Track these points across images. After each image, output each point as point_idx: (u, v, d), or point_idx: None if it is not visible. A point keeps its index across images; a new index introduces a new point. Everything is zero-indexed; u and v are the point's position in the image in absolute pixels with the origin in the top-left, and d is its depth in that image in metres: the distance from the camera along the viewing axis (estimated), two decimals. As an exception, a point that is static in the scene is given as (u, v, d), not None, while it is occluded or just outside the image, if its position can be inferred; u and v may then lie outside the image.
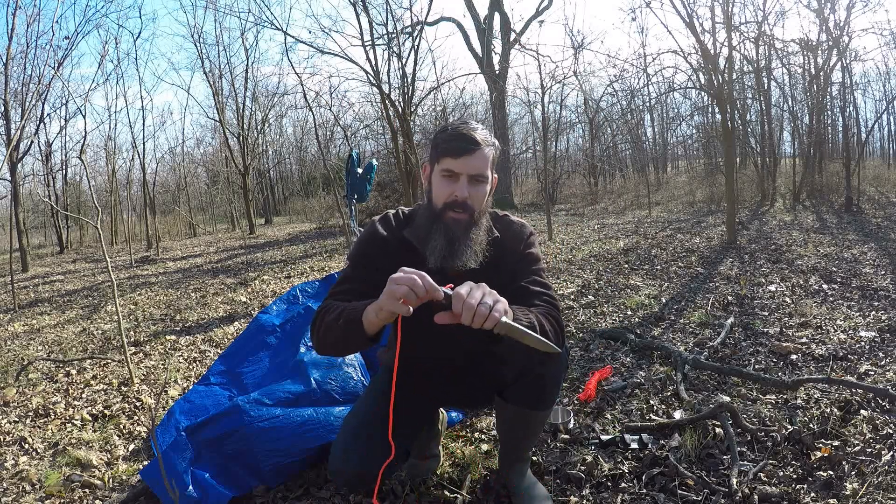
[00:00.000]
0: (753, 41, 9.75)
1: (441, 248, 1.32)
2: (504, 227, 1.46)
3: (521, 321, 1.13)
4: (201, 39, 14.65)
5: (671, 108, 19.99)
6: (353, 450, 1.39)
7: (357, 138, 15.89)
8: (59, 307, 5.54)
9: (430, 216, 1.37)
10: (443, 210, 1.34)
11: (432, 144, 1.41)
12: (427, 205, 1.40)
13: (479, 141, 1.31)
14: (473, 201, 1.34)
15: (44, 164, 13.45)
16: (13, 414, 2.63)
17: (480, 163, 1.32)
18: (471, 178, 1.33)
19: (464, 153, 1.31)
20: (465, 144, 1.31)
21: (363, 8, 7.98)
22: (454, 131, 1.34)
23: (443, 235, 1.33)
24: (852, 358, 2.55)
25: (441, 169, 1.34)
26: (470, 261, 1.33)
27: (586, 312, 3.69)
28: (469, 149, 1.31)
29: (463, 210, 1.33)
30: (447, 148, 1.33)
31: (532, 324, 1.17)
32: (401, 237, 1.42)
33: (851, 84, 10.69)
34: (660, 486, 1.63)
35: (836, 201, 9.48)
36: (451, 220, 1.33)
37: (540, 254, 1.47)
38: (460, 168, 1.32)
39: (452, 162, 1.32)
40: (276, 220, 18.43)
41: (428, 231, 1.35)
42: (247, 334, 2.63)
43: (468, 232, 1.34)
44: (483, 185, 1.35)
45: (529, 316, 1.19)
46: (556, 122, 16.84)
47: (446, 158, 1.33)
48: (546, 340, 1.12)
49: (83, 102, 11.18)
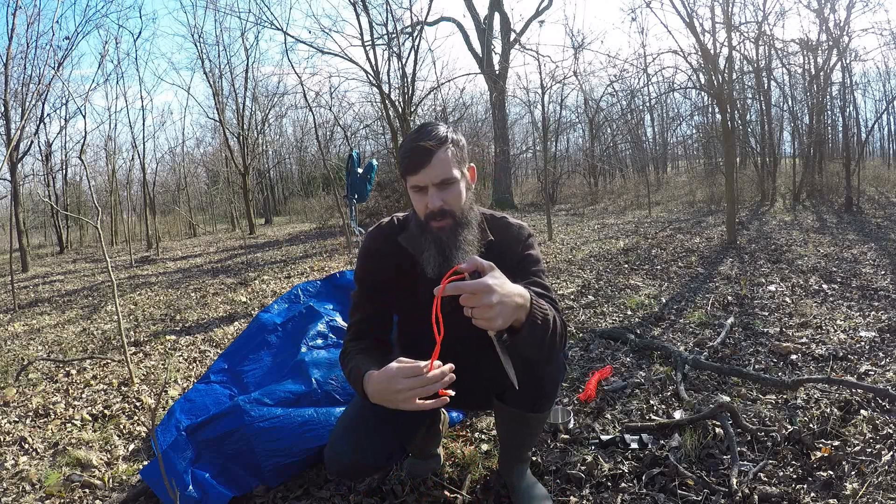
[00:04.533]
0: (753, 41, 9.75)
1: (435, 258, 1.34)
2: (501, 228, 1.46)
3: (537, 315, 1.14)
4: (201, 39, 14.67)
5: (671, 108, 20.03)
6: (349, 439, 1.40)
7: (357, 138, 15.92)
8: (59, 307, 5.54)
9: (418, 227, 1.39)
10: (426, 221, 1.35)
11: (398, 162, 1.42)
12: (414, 215, 1.42)
13: (429, 149, 1.29)
14: (450, 205, 1.33)
15: (44, 164, 13.46)
16: (13, 414, 2.63)
17: (440, 168, 1.30)
18: (437, 185, 1.32)
19: (420, 167, 1.30)
20: (417, 158, 1.30)
21: (363, 8, 7.98)
22: (406, 146, 1.33)
23: (433, 245, 1.34)
24: (852, 358, 2.55)
25: (409, 186, 1.36)
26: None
27: (586, 312, 3.69)
28: (422, 161, 1.30)
29: (442, 217, 1.33)
30: (405, 166, 1.34)
31: (548, 319, 1.16)
32: (396, 245, 1.44)
33: (851, 84, 10.70)
34: (660, 486, 1.64)
35: (836, 201, 9.48)
36: (436, 230, 1.34)
37: (539, 255, 1.46)
38: (423, 181, 1.31)
39: (414, 178, 1.32)
40: (276, 220, 18.43)
41: (419, 241, 1.38)
42: (248, 333, 2.64)
43: (456, 235, 1.34)
44: (453, 185, 1.33)
45: (546, 311, 1.17)
46: (556, 122, 16.86)
47: (408, 176, 1.34)
48: (513, 376, 1.18)
49: (83, 102, 11.24)
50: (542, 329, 1.16)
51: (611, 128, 17.11)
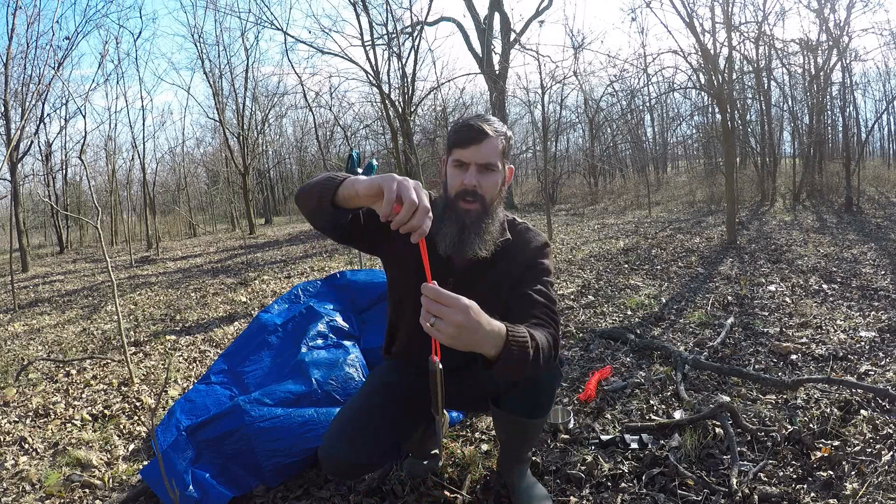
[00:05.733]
0: (753, 41, 9.75)
1: (451, 236, 1.34)
2: (520, 233, 1.46)
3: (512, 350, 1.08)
4: (201, 39, 14.68)
5: (671, 108, 20.01)
6: (343, 438, 1.40)
7: (357, 138, 15.91)
8: (59, 307, 5.54)
9: (444, 205, 1.38)
10: (455, 199, 1.36)
11: (447, 136, 1.43)
12: (443, 194, 1.42)
13: (486, 131, 1.32)
14: (484, 190, 1.35)
15: (44, 164, 13.46)
16: (13, 414, 2.63)
17: (488, 152, 1.33)
18: (479, 167, 1.34)
19: (471, 143, 1.32)
20: (472, 134, 1.32)
21: (363, 8, 7.99)
22: (464, 122, 1.36)
23: (454, 223, 1.34)
24: (852, 358, 2.55)
25: (452, 159, 1.37)
26: (480, 250, 1.34)
27: (586, 312, 3.69)
28: (476, 138, 1.32)
29: (473, 199, 1.34)
30: (456, 139, 1.35)
31: (526, 351, 1.11)
32: None
33: (851, 84, 10.70)
34: (660, 486, 1.64)
35: (836, 201, 9.48)
36: (462, 210, 1.35)
37: (552, 268, 1.44)
38: (468, 157, 1.33)
39: (461, 152, 1.34)
40: (276, 220, 18.43)
41: (441, 219, 1.37)
42: (248, 333, 2.63)
43: (479, 221, 1.35)
44: (493, 174, 1.35)
45: (525, 344, 1.12)
46: (556, 122, 16.84)
47: (456, 149, 1.35)
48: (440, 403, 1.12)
49: (83, 102, 11.24)
50: (519, 361, 1.11)
51: (611, 128, 17.11)
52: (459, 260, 1.38)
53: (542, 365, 1.19)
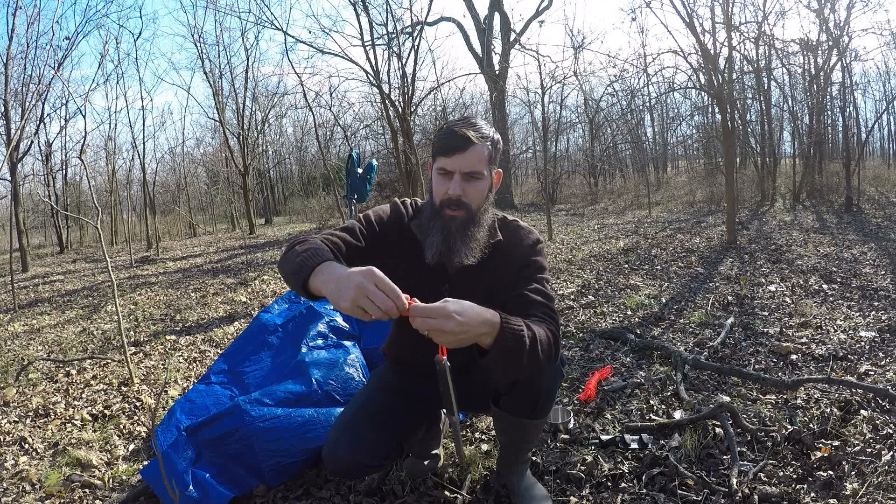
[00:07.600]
0: (753, 41, 9.75)
1: (437, 244, 1.34)
2: (512, 231, 1.45)
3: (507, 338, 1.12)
4: (201, 39, 14.61)
5: (671, 108, 20.01)
6: (346, 438, 1.40)
7: (357, 138, 15.93)
8: (59, 307, 5.54)
9: (431, 213, 1.38)
10: (440, 207, 1.36)
11: (433, 142, 1.42)
12: (429, 201, 1.41)
13: (470, 138, 1.30)
14: (469, 198, 1.34)
15: (44, 164, 13.44)
16: (13, 414, 2.63)
17: (472, 160, 1.32)
18: (464, 175, 1.33)
19: (455, 151, 1.31)
20: (455, 142, 1.31)
21: (363, 8, 7.99)
22: (448, 129, 1.35)
23: (440, 232, 1.34)
24: (852, 358, 2.55)
25: (437, 167, 1.36)
26: (466, 257, 1.34)
27: (586, 312, 3.69)
28: (460, 146, 1.31)
29: (458, 207, 1.33)
30: (440, 146, 1.34)
31: (521, 340, 1.14)
32: (407, 227, 1.44)
33: (851, 84, 10.70)
34: (660, 486, 1.64)
35: (836, 201, 9.48)
36: (447, 218, 1.34)
37: (546, 264, 1.44)
38: (452, 166, 1.32)
39: (445, 160, 1.33)
40: (276, 220, 18.41)
41: (428, 227, 1.37)
42: (248, 333, 2.63)
43: (465, 229, 1.34)
44: (479, 181, 1.34)
45: (520, 332, 1.14)
46: (556, 122, 16.85)
47: (440, 157, 1.34)
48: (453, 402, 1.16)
49: (83, 102, 11.21)
50: (515, 350, 1.13)
51: (611, 128, 17.10)
52: (451, 265, 1.38)
53: (542, 359, 1.20)
